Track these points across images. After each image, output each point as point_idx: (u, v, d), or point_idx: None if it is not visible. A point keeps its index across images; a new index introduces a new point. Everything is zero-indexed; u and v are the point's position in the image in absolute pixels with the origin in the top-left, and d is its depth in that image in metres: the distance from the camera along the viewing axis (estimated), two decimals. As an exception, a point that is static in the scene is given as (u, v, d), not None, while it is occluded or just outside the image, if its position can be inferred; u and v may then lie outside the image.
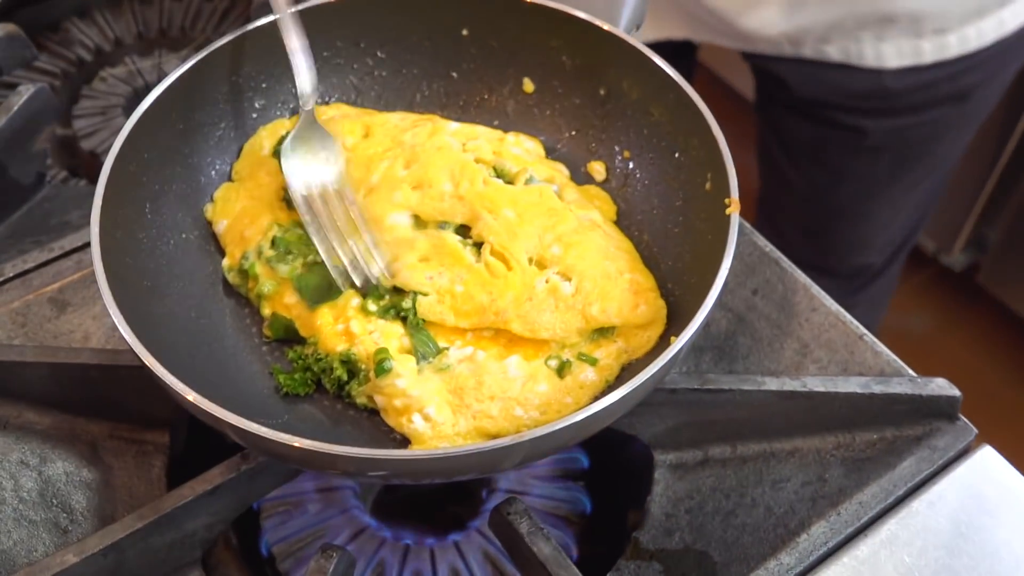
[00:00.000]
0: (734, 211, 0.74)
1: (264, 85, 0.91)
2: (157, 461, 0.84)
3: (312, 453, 0.63)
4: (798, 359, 0.89)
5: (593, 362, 0.78)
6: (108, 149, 1.09)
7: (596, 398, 0.77)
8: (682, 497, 0.82)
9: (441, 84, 0.94)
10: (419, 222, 0.83)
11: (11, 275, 0.93)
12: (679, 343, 0.68)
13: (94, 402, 0.85)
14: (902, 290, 2.09)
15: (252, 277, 0.83)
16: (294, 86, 0.84)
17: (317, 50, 0.86)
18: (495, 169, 0.86)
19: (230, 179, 0.89)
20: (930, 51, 1.28)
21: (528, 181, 0.85)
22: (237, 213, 0.85)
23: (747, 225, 0.99)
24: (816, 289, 0.93)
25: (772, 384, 0.81)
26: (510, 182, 0.85)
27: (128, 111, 1.16)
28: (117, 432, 0.85)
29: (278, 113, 0.92)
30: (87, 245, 0.95)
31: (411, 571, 0.87)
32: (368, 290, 0.81)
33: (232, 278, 0.85)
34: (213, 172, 0.88)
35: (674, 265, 0.82)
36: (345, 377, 0.78)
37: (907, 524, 0.79)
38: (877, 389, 0.82)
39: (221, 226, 0.86)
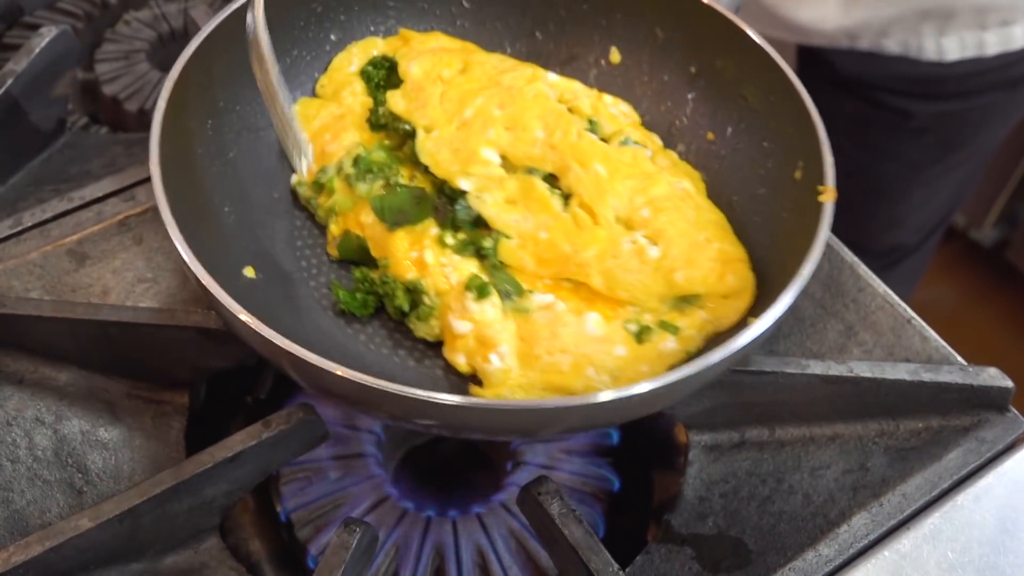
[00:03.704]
0: (829, 199, 0.70)
1: (342, 18, 0.88)
2: (176, 423, 0.81)
3: (368, 389, 0.59)
4: (842, 341, 0.85)
5: (675, 330, 0.75)
6: (131, 95, 1.07)
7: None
8: (717, 480, 0.79)
9: (524, 44, 0.91)
10: (508, 165, 0.81)
11: (29, 224, 0.90)
12: (764, 323, 0.66)
13: (113, 359, 0.82)
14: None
15: (327, 192, 0.82)
16: (372, 24, 0.81)
17: None
18: (591, 123, 0.83)
19: (313, 94, 0.87)
20: (994, 43, 1.25)
21: (623, 142, 0.82)
22: (316, 129, 0.84)
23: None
24: (863, 269, 0.89)
25: (816, 368, 0.78)
26: (604, 140, 0.82)
27: (152, 56, 1.13)
28: (136, 391, 0.83)
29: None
30: (108, 196, 0.92)
31: (432, 544, 0.85)
32: (445, 222, 0.79)
33: (303, 191, 0.83)
34: None
35: (752, 254, 0.78)
36: (406, 307, 0.77)
37: (951, 519, 0.76)
38: (926, 377, 0.78)
39: None
